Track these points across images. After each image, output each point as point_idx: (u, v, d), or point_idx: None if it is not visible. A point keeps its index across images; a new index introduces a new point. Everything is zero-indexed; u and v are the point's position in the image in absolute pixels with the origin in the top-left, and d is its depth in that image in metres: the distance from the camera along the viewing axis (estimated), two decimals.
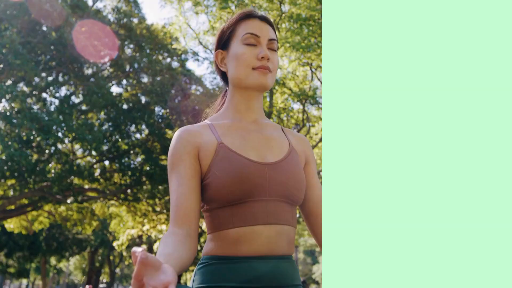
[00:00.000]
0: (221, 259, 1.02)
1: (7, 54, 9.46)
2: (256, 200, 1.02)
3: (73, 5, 11.76)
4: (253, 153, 1.07)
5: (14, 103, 10.12)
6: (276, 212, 1.04)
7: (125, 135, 12.81)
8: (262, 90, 1.15)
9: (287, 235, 1.06)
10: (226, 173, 1.02)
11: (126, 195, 13.24)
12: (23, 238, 20.64)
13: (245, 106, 1.16)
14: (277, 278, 1.01)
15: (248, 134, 1.11)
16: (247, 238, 1.01)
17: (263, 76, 1.11)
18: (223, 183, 1.01)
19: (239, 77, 1.13)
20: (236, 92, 1.16)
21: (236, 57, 1.14)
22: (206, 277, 1.02)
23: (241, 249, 1.01)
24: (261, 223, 1.01)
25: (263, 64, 1.11)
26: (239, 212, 1.02)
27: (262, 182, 1.03)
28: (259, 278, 0.99)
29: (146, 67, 12.90)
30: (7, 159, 9.38)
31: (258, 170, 1.04)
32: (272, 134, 1.15)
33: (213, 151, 1.06)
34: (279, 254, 1.03)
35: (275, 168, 1.06)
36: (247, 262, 1.00)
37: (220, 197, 1.02)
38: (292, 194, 1.07)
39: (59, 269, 33.51)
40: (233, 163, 1.03)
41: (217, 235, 1.04)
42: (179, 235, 0.97)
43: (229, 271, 1.00)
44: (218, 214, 1.04)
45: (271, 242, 1.02)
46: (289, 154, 1.12)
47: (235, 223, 1.02)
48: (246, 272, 0.99)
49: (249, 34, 1.13)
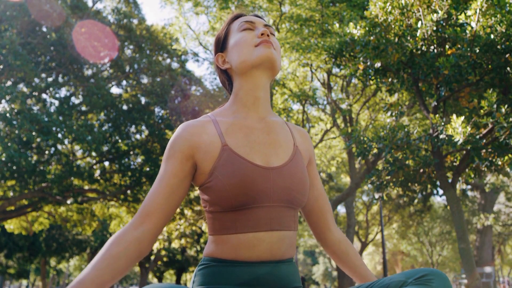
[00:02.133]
0: (222, 261, 1.01)
1: (7, 55, 9.45)
2: (259, 206, 1.01)
3: (73, 6, 11.76)
4: (257, 156, 1.05)
5: (14, 104, 10.11)
6: (279, 218, 1.02)
7: (125, 136, 12.80)
8: (270, 67, 1.11)
9: (289, 239, 1.05)
10: (230, 178, 1.00)
11: (126, 196, 13.23)
12: (23, 239, 20.63)
13: (252, 99, 1.13)
14: (276, 281, 1.00)
15: (252, 134, 1.09)
16: (249, 245, 1.00)
17: (267, 49, 1.10)
18: (226, 188, 0.99)
19: (244, 59, 1.11)
20: (243, 81, 1.14)
21: (236, 44, 1.14)
22: (206, 278, 1.01)
23: (242, 254, 1.00)
24: (264, 229, 1.00)
25: (264, 38, 1.11)
26: (242, 218, 1.01)
27: (266, 188, 1.01)
28: (259, 280, 0.98)
29: (146, 68, 12.90)
30: (7, 160, 9.37)
31: (262, 175, 1.02)
32: (278, 135, 1.12)
33: (217, 153, 1.04)
34: (279, 258, 1.02)
35: (279, 172, 1.04)
36: (246, 265, 0.99)
37: (223, 202, 1.01)
38: (295, 198, 1.05)
39: (59, 270, 33.49)
40: (237, 168, 1.01)
41: (219, 239, 1.03)
42: (126, 242, 0.97)
43: (229, 273, 0.99)
44: (220, 218, 1.03)
45: (273, 248, 1.01)
46: (293, 156, 1.10)
47: (238, 229, 1.00)
48: (245, 274, 0.99)
49: (244, 22, 1.15)
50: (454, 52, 5.88)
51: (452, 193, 6.75)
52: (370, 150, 6.52)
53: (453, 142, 5.59)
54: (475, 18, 5.62)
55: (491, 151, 5.96)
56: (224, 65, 1.18)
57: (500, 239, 22.19)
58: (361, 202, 21.35)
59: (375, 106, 13.31)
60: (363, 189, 18.98)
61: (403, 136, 6.26)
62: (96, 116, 13.05)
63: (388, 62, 6.54)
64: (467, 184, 15.37)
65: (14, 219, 14.85)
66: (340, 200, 12.58)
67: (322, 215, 1.21)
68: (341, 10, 9.91)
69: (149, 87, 12.84)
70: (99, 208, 15.27)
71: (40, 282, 31.55)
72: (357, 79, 7.42)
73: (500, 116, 5.29)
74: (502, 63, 5.78)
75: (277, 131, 1.13)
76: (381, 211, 12.91)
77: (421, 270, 0.92)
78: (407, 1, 6.21)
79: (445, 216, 22.44)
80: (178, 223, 15.49)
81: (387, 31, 6.46)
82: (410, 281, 0.91)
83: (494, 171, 6.62)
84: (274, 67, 1.12)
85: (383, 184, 7.25)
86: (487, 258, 15.28)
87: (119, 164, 12.82)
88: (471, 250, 6.51)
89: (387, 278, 0.97)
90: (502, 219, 20.31)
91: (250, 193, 1.00)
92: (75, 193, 11.92)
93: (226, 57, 1.18)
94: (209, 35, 12.96)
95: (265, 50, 1.10)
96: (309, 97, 11.36)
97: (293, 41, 10.15)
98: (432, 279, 0.89)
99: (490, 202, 16.61)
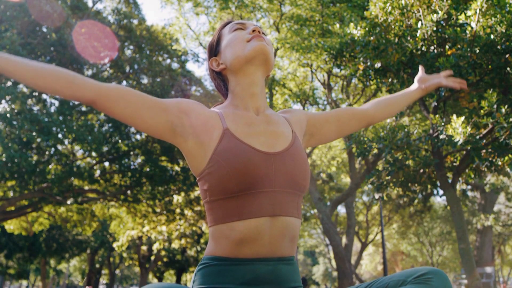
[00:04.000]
0: (222, 260, 1.01)
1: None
2: (261, 191, 1.01)
3: (73, 6, 11.76)
4: (258, 143, 1.05)
5: (14, 104, 10.12)
6: (282, 203, 1.02)
7: (125, 136, 12.80)
8: (264, 59, 1.13)
9: (292, 229, 1.04)
10: (231, 162, 1.00)
11: (126, 196, 13.23)
12: (23, 239, 20.62)
13: (249, 95, 1.14)
14: (277, 280, 1.00)
15: (253, 124, 1.10)
16: (251, 237, 0.99)
17: (260, 42, 1.13)
18: (227, 173, 0.99)
19: (237, 54, 1.13)
20: (238, 78, 1.15)
21: (228, 42, 1.17)
22: (206, 278, 1.01)
23: (243, 250, 0.99)
24: (266, 214, 1.00)
25: (256, 34, 1.14)
26: (244, 204, 1.00)
27: (267, 172, 1.02)
28: (259, 280, 0.98)
29: (146, 68, 12.89)
30: (7, 160, 9.37)
31: (263, 160, 1.02)
32: (277, 126, 1.13)
33: (218, 137, 1.05)
34: (280, 256, 1.02)
35: (281, 157, 1.05)
36: (247, 264, 0.99)
37: (224, 187, 1.00)
38: (297, 183, 1.06)
39: (59, 270, 33.46)
40: (238, 152, 1.01)
41: (220, 230, 1.02)
42: (72, 75, 1.02)
43: (229, 272, 0.99)
44: (222, 205, 1.02)
45: (274, 243, 1.00)
46: (293, 142, 1.11)
47: (240, 215, 1.00)
48: (245, 274, 0.99)
49: (235, 24, 1.19)
50: (454, 53, 5.88)
51: (452, 193, 6.75)
52: (370, 150, 6.52)
53: (453, 142, 5.59)
54: (475, 18, 5.62)
55: (491, 151, 5.96)
56: (219, 66, 1.20)
57: (500, 239, 22.18)
58: (361, 202, 21.35)
59: None
60: (363, 189, 18.97)
61: (403, 137, 6.26)
62: (96, 116, 13.05)
63: (388, 63, 6.54)
64: (467, 184, 15.37)
65: (14, 220, 14.85)
66: (340, 201, 12.57)
67: (352, 114, 1.31)
68: (341, 10, 9.92)
69: (149, 87, 12.84)
70: (99, 209, 15.28)
71: (40, 282, 31.54)
72: (357, 79, 7.42)
73: (500, 116, 5.29)
74: (502, 64, 5.78)
75: (276, 122, 1.14)
76: (381, 211, 12.92)
77: (420, 269, 0.92)
78: (407, 2, 6.22)
79: (445, 216, 22.43)
80: (178, 224, 15.50)
81: (387, 32, 6.46)
82: (410, 280, 0.91)
83: (494, 172, 6.62)
84: (268, 60, 1.14)
85: (383, 185, 7.25)
86: (487, 258, 15.27)
87: (119, 165, 12.82)
88: (471, 250, 6.51)
89: (386, 277, 0.97)
90: (502, 219, 20.31)
91: (252, 177, 1.00)
92: (75, 194, 11.92)
93: (220, 60, 1.20)
94: (209, 36, 12.97)
95: (258, 43, 1.12)
96: (309, 97, 11.36)
97: (293, 41, 10.15)
98: (431, 277, 0.89)
99: (490, 202, 16.61)
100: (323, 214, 11.15)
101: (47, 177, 10.73)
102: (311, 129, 1.25)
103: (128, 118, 1.04)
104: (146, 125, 1.05)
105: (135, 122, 1.05)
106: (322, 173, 19.52)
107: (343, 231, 20.11)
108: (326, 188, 19.78)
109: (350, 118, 1.30)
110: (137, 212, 14.28)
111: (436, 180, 7.20)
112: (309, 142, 1.26)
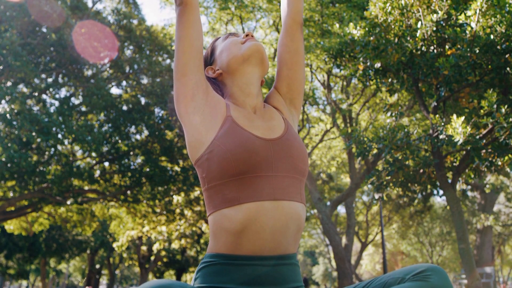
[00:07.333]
0: (224, 258, 1.01)
1: (7, 55, 9.45)
2: (262, 175, 1.01)
3: (73, 7, 11.76)
4: (257, 131, 1.09)
5: (13, 105, 10.11)
6: (283, 188, 1.03)
7: (125, 136, 12.79)
8: (260, 58, 1.17)
9: (297, 218, 1.04)
10: (231, 145, 1.02)
11: (126, 196, 13.23)
12: (23, 240, 20.61)
13: (245, 94, 1.17)
14: (277, 281, 0.99)
15: (252, 118, 1.13)
16: (251, 228, 0.98)
17: (255, 42, 1.18)
18: (227, 156, 1.01)
19: (234, 55, 1.17)
20: (235, 78, 1.18)
21: (224, 48, 1.21)
22: (207, 277, 1.01)
23: (244, 244, 0.99)
24: (268, 198, 1.00)
25: (249, 37, 1.19)
26: (244, 188, 1.00)
27: (267, 157, 1.03)
28: (260, 280, 0.98)
29: (146, 68, 12.89)
30: (7, 160, 9.37)
31: (263, 145, 1.05)
32: (273, 120, 1.16)
33: (221, 121, 1.08)
34: (281, 253, 1.01)
35: (279, 143, 1.07)
36: (248, 263, 0.99)
37: (225, 170, 1.01)
38: (297, 167, 1.07)
39: (58, 270, 33.46)
40: (238, 136, 1.04)
41: (220, 221, 1.02)
42: None
43: (230, 272, 0.99)
44: (222, 190, 1.02)
45: (276, 235, 0.99)
46: (287, 129, 1.14)
47: (241, 199, 1.00)
48: (246, 273, 0.98)
49: (227, 34, 1.25)
50: (454, 53, 5.88)
51: (452, 193, 6.75)
52: (370, 150, 6.52)
53: (453, 142, 5.59)
54: (475, 19, 5.62)
55: (491, 151, 5.96)
56: (215, 73, 1.22)
57: (500, 239, 22.18)
58: (361, 202, 21.35)
59: (375, 106, 13.31)
60: (363, 189, 18.98)
61: (403, 137, 6.26)
62: (96, 116, 13.04)
63: (388, 63, 6.54)
64: (467, 185, 15.38)
65: (14, 220, 14.85)
66: (340, 201, 12.57)
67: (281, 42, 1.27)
68: (341, 11, 9.92)
69: (149, 87, 12.84)
70: (99, 209, 15.27)
71: (40, 282, 31.52)
72: (357, 79, 7.42)
73: (500, 116, 5.29)
74: (502, 64, 5.78)
75: (271, 116, 1.17)
76: (381, 211, 12.92)
77: (419, 266, 0.92)
78: (407, 2, 6.22)
79: (445, 216, 22.42)
80: (178, 224, 15.49)
81: (387, 32, 6.46)
82: (408, 277, 0.91)
83: (494, 172, 6.62)
84: (263, 60, 1.18)
85: (383, 185, 7.25)
86: (487, 258, 15.27)
87: (119, 165, 12.82)
88: (471, 250, 6.51)
89: (385, 275, 0.97)
90: (502, 220, 20.32)
91: (251, 160, 1.01)
92: (75, 194, 11.91)
93: (215, 67, 1.23)
94: (209, 36, 12.97)
95: (253, 42, 1.17)
96: (309, 97, 11.36)
97: None
98: (430, 274, 0.89)
99: (490, 203, 16.61)
100: (323, 214, 11.16)
101: (47, 177, 10.73)
102: (284, 94, 1.26)
103: (187, 36, 1.14)
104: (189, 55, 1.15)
105: (189, 42, 1.14)
106: (322, 173, 19.52)
107: (343, 231, 20.10)
108: (326, 188, 19.77)
109: (282, 44, 1.26)
110: (137, 212, 14.28)
111: (436, 180, 7.20)
112: (295, 101, 1.26)
